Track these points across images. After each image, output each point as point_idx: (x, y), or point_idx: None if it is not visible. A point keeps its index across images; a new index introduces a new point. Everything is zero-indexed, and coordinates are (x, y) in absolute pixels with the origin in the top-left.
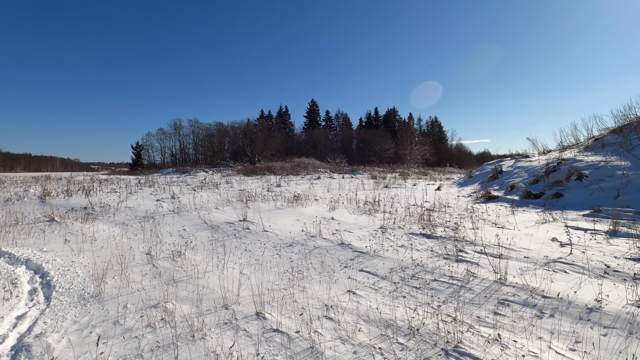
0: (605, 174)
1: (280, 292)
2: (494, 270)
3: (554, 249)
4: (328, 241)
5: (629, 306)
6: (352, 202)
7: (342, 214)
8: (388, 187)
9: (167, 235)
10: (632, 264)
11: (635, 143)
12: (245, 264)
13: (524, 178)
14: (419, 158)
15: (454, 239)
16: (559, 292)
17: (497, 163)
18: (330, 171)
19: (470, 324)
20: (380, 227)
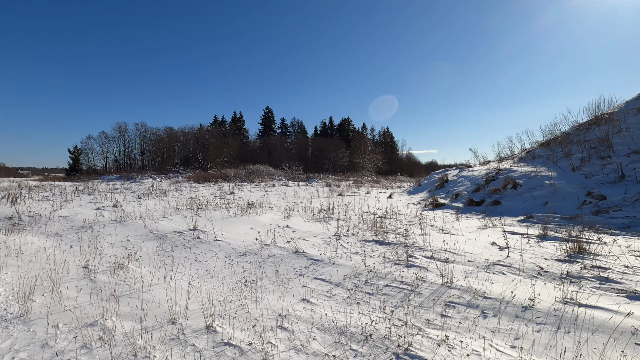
0: (536, 183)
1: (232, 303)
2: (441, 274)
3: (493, 252)
4: (282, 249)
5: (557, 303)
6: (307, 209)
7: (297, 221)
8: (342, 195)
9: (108, 246)
10: (559, 264)
11: (560, 156)
12: (195, 275)
13: (467, 187)
14: (372, 167)
15: (405, 245)
16: (499, 292)
17: (444, 172)
18: (286, 179)
19: (420, 327)
20: (334, 234)
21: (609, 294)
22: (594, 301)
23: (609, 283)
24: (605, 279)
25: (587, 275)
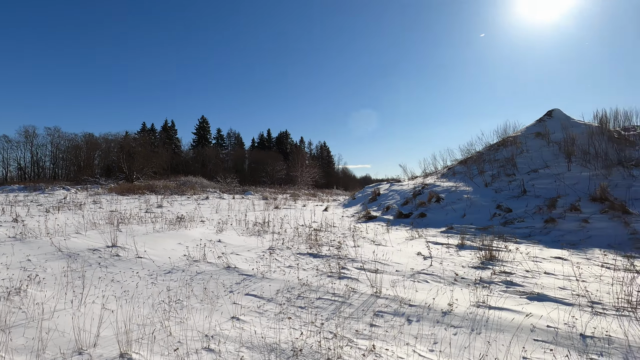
0: (456, 197)
1: (153, 326)
2: (371, 284)
3: (418, 262)
4: (213, 265)
5: (471, 307)
6: (242, 223)
7: (230, 236)
8: (279, 208)
9: (2, 268)
10: (473, 271)
11: (475, 172)
12: (111, 297)
13: (397, 200)
14: (309, 180)
15: (338, 257)
16: (422, 299)
17: (376, 186)
18: (221, 191)
19: (350, 338)
20: (269, 248)
21: (513, 296)
22: (502, 303)
23: (513, 286)
24: (511, 283)
25: (496, 280)
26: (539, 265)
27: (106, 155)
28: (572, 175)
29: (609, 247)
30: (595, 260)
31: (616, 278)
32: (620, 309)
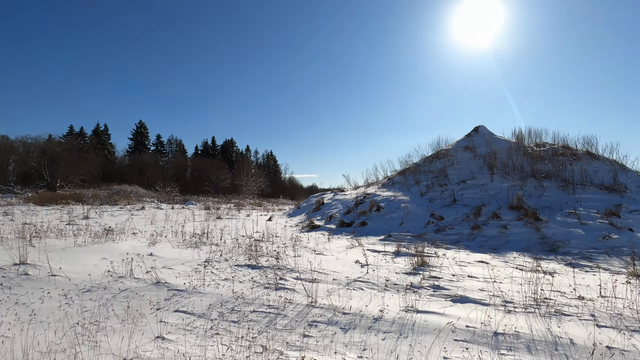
0: (394, 206)
1: (62, 353)
2: (307, 294)
3: (356, 270)
4: (140, 281)
5: (401, 312)
6: (179, 234)
7: (163, 248)
8: (221, 218)
9: None
10: (406, 277)
11: (412, 183)
12: (12, 323)
13: (339, 209)
14: (255, 189)
15: (277, 268)
16: (356, 307)
17: (320, 196)
18: (159, 201)
19: (281, 351)
20: (205, 260)
21: (439, 299)
22: (428, 307)
23: (440, 290)
24: (438, 287)
25: (425, 285)
26: (464, 269)
27: (24, 161)
28: (495, 185)
29: (523, 251)
30: (512, 262)
31: (526, 278)
32: (528, 306)
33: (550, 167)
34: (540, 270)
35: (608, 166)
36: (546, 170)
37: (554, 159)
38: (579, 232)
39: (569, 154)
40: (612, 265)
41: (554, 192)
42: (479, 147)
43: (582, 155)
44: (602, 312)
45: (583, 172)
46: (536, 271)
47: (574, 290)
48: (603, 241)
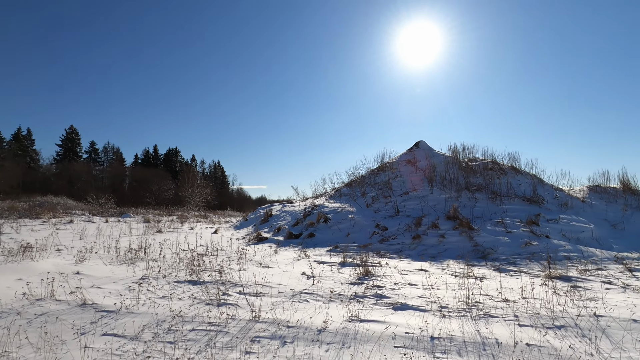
0: (342, 217)
1: None
2: (251, 309)
3: (302, 282)
4: (63, 303)
5: (345, 322)
6: (112, 250)
7: (93, 266)
8: (161, 232)
9: None
10: (350, 287)
11: (359, 194)
12: None
13: (288, 221)
14: (201, 201)
15: (220, 283)
16: (300, 320)
17: (269, 207)
18: (91, 213)
19: None
20: (141, 277)
21: (381, 307)
22: (371, 316)
23: (382, 298)
24: (381, 296)
25: (368, 294)
26: (405, 277)
27: None
28: (434, 197)
29: (459, 258)
30: (448, 269)
31: (460, 284)
32: (461, 310)
33: (482, 180)
34: (472, 276)
35: (529, 180)
36: (478, 183)
37: (485, 173)
38: (505, 240)
39: (497, 169)
40: (532, 269)
41: (484, 203)
42: (420, 161)
43: (508, 170)
44: (523, 313)
45: (509, 185)
46: (469, 277)
47: (500, 293)
48: (525, 247)
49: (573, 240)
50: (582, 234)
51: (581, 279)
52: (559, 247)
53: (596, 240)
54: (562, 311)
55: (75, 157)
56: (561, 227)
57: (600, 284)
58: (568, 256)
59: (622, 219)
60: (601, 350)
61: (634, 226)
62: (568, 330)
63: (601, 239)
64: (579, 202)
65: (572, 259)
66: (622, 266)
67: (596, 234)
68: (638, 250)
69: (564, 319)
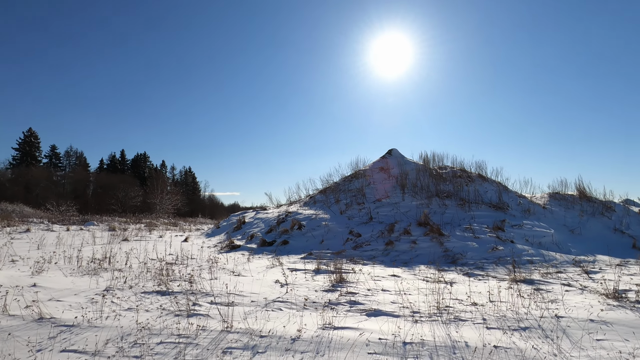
0: (316, 224)
1: None
2: (223, 319)
3: (275, 290)
4: (17, 318)
5: (319, 330)
6: (73, 260)
7: (52, 277)
8: (128, 240)
9: None
10: (324, 294)
11: (332, 201)
12: None
13: (261, 228)
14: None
15: (190, 293)
16: (274, 329)
17: (242, 214)
18: (50, 222)
19: None
20: (105, 289)
21: (355, 314)
22: (345, 323)
23: (356, 305)
24: (354, 302)
25: (342, 301)
26: (378, 283)
27: None
28: (406, 204)
29: (430, 263)
30: (420, 275)
31: (431, 289)
32: (432, 315)
33: (451, 187)
34: (442, 281)
35: (495, 187)
36: (448, 190)
37: (454, 180)
38: (473, 245)
39: (465, 176)
40: (498, 273)
41: (454, 210)
42: (393, 168)
43: (475, 178)
44: (490, 315)
45: (476, 192)
46: (439, 282)
47: (469, 297)
48: (492, 252)
49: (535, 244)
50: (543, 238)
51: (543, 282)
52: (522, 252)
53: (556, 245)
54: (526, 313)
55: (34, 161)
56: (524, 232)
57: (561, 286)
58: (531, 260)
59: (579, 224)
60: (562, 350)
61: (589, 231)
62: (532, 332)
63: (560, 243)
64: (541, 208)
65: (535, 263)
66: (580, 269)
67: (556, 239)
68: (593, 254)
69: (528, 321)
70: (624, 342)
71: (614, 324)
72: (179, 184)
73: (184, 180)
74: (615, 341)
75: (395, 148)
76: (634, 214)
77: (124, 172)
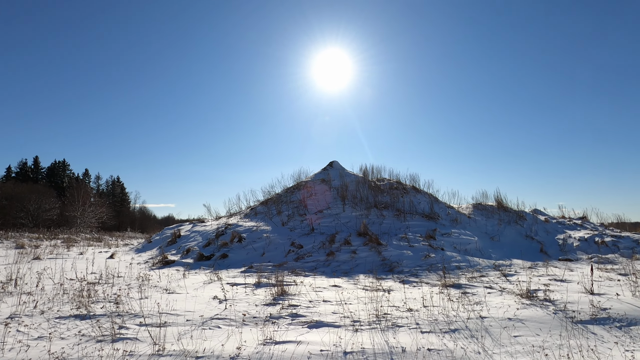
0: (256, 236)
1: None
2: (153, 341)
3: (213, 306)
4: None
5: (259, 346)
6: None
7: None
8: (40, 259)
9: None
10: (265, 308)
11: (274, 212)
12: None
13: (199, 242)
14: (94, 222)
15: (116, 315)
16: (211, 348)
17: (177, 227)
18: None
19: None
20: (9, 316)
21: (297, 327)
22: (286, 337)
23: (298, 317)
24: (296, 315)
25: (284, 314)
26: (320, 294)
27: None
28: (346, 215)
29: (369, 272)
30: (359, 284)
31: (370, 297)
32: (372, 323)
33: (388, 199)
34: (380, 289)
35: (427, 198)
36: (385, 201)
37: (391, 192)
38: (409, 254)
39: (401, 188)
40: (431, 279)
41: (391, 220)
42: (334, 180)
43: (410, 189)
44: (424, 320)
45: (411, 203)
46: (377, 290)
47: (405, 303)
48: (425, 260)
49: (462, 251)
50: (469, 245)
51: (469, 286)
52: (451, 258)
53: (479, 251)
54: (455, 316)
55: None
56: (453, 240)
57: (484, 289)
58: (459, 266)
59: (498, 232)
60: (486, 347)
61: (506, 238)
62: (460, 333)
63: (483, 249)
64: (466, 217)
65: (462, 268)
66: (499, 272)
67: (479, 245)
68: (509, 258)
69: (457, 323)
70: (535, 337)
71: (527, 320)
72: (105, 194)
73: (111, 190)
74: (528, 336)
75: (336, 160)
76: (540, 222)
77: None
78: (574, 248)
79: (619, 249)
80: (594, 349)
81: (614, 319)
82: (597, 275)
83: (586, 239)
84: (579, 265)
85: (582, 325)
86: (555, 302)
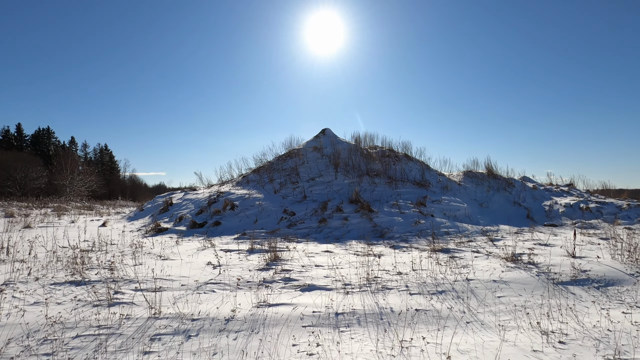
0: (249, 204)
1: None
2: (149, 305)
3: (207, 272)
4: None
5: (253, 309)
6: None
7: None
8: (31, 227)
9: None
10: (259, 273)
11: (266, 180)
12: None
13: (191, 209)
14: (84, 190)
15: (111, 281)
16: (206, 311)
17: (169, 196)
18: None
19: None
20: (3, 283)
21: (290, 290)
22: (279, 299)
23: (290, 282)
24: (289, 279)
25: (277, 279)
26: (312, 259)
27: None
28: (338, 182)
29: (360, 238)
30: (351, 249)
31: (361, 262)
32: (362, 286)
33: (380, 166)
34: (371, 254)
35: (419, 166)
36: (377, 169)
37: (383, 159)
38: (399, 220)
39: (393, 156)
40: (420, 245)
41: (382, 187)
42: (326, 148)
43: (402, 157)
44: (413, 283)
45: (402, 170)
46: (368, 255)
47: (394, 267)
48: (415, 226)
49: (451, 217)
50: (458, 212)
51: (457, 250)
52: (441, 224)
53: (468, 217)
54: (443, 278)
55: None
56: (443, 207)
57: (471, 253)
58: (448, 231)
59: (487, 198)
60: (471, 307)
61: (495, 204)
62: (447, 294)
63: (472, 215)
64: (457, 185)
65: (451, 234)
66: (486, 237)
67: (468, 212)
68: (497, 224)
69: (444, 285)
70: (518, 297)
71: (511, 282)
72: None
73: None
74: (511, 297)
75: (328, 128)
76: (528, 189)
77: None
78: (559, 214)
79: (602, 215)
80: (572, 307)
81: (593, 280)
82: (580, 239)
83: (571, 205)
84: (563, 231)
85: (563, 286)
86: (538, 265)
